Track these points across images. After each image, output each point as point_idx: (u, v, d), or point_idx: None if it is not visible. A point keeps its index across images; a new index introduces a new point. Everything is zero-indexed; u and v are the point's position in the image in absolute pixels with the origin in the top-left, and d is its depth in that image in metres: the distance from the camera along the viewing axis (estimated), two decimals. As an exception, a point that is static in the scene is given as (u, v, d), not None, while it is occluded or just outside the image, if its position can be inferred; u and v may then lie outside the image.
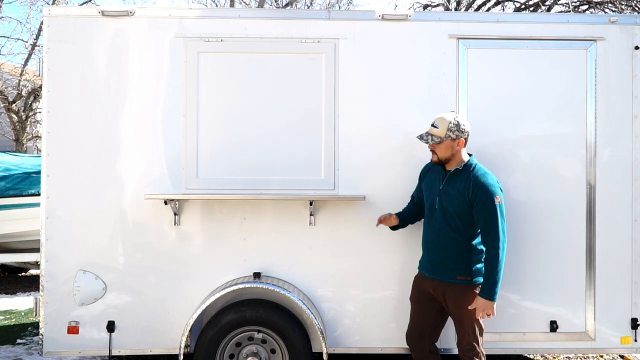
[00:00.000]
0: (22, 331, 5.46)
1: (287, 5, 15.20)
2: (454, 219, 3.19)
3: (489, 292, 3.10)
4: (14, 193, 6.34)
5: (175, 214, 3.64)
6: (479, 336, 3.20)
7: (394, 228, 3.58)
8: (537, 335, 3.74)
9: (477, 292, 3.16)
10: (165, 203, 3.61)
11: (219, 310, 3.57)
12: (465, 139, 3.26)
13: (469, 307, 3.15)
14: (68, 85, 3.64)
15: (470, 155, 3.32)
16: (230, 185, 3.65)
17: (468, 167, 3.23)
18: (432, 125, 3.27)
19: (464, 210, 3.17)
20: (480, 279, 3.16)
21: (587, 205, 3.74)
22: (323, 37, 3.69)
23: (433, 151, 3.30)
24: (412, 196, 3.61)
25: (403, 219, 3.56)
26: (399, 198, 3.69)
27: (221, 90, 3.68)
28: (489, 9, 12.02)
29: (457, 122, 3.22)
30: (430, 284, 3.30)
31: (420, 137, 3.29)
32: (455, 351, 3.72)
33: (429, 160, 3.42)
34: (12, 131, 13.55)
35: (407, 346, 3.59)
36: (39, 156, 7.38)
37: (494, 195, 3.12)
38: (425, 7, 12.23)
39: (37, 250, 3.69)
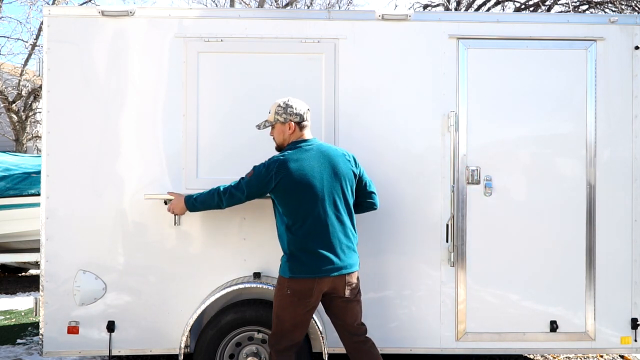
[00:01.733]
0: (22, 331, 5.46)
1: (287, 5, 15.21)
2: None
3: (186, 196, 3.26)
4: (14, 193, 6.34)
5: (175, 214, 3.63)
6: (275, 331, 3.11)
7: None
8: (537, 335, 3.74)
9: (278, 287, 3.09)
10: (165, 203, 3.61)
11: (219, 310, 3.57)
12: (297, 123, 3.12)
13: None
14: (68, 85, 3.64)
15: (304, 140, 3.14)
16: (230, 185, 3.65)
17: (286, 148, 3.15)
18: (268, 112, 3.25)
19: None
20: (282, 274, 3.05)
21: (587, 205, 3.74)
22: (323, 37, 3.69)
23: (274, 138, 3.25)
24: None
25: None
26: (398, 196, 3.70)
27: (221, 90, 3.68)
28: (489, 9, 12.03)
29: (286, 104, 3.13)
30: None
31: (258, 126, 3.28)
32: (458, 352, 3.73)
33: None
34: (12, 131, 13.56)
35: (406, 346, 3.61)
36: (39, 156, 7.38)
37: (256, 165, 3.11)
38: (425, 7, 12.23)
39: (37, 250, 3.69)
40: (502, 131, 3.74)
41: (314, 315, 3.46)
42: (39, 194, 4.16)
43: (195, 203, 3.24)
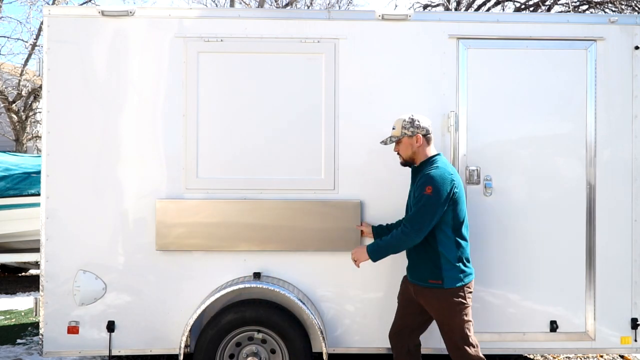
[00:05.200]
0: (22, 331, 5.46)
1: (287, 5, 15.19)
2: None
3: (372, 248, 3.20)
4: (14, 193, 6.34)
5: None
6: (470, 338, 3.16)
7: (377, 237, 3.55)
8: (537, 335, 3.74)
9: (455, 299, 3.12)
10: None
11: (219, 310, 3.57)
12: (424, 136, 3.24)
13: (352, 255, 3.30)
14: (68, 85, 3.64)
15: (438, 154, 3.28)
16: (230, 184, 3.66)
17: (426, 162, 3.23)
18: (392, 128, 3.32)
19: None
20: (456, 284, 3.11)
21: (587, 205, 3.74)
22: (323, 37, 3.69)
23: (398, 153, 3.34)
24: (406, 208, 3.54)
25: (387, 229, 3.52)
26: (398, 197, 3.68)
27: (221, 90, 3.68)
28: (489, 9, 12.03)
29: (412, 119, 3.25)
30: (412, 288, 3.29)
31: (383, 142, 3.35)
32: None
33: None
34: (12, 131, 13.56)
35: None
36: (39, 156, 7.38)
37: (427, 184, 3.07)
38: (425, 7, 12.24)
39: (37, 250, 3.69)
40: (502, 131, 3.74)
41: (314, 316, 3.47)
42: (39, 194, 4.15)
43: (380, 249, 3.20)
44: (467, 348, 3.14)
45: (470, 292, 3.21)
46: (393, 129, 3.30)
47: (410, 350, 3.38)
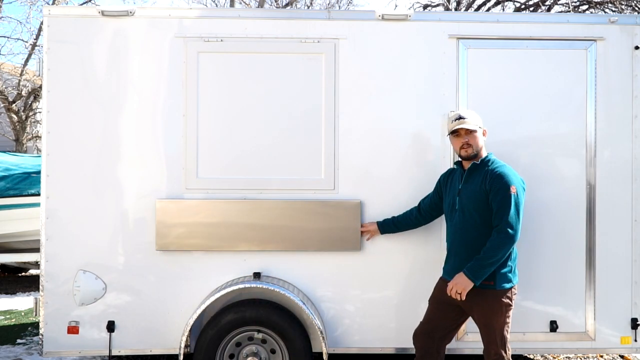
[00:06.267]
0: (22, 331, 5.46)
1: (287, 5, 15.20)
2: (473, 217, 3.14)
3: (471, 271, 3.02)
4: (14, 193, 6.35)
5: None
6: (507, 341, 3.12)
7: (385, 232, 3.62)
8: (537, 335, 3.73)
9: (504, 299, 3.09)
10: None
11: (219, 310, 3.57)
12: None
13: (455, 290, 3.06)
14: (68, 85, 3.64)
15: (490, 153, 3.30)
16: (230, 184, 3.66)
17: (485, 161, 3.22)
18: (460, 118, 3.20)
19: (483, 204, 3.11)
20: (506, 285, 3.09)
21: (587, 205, 3.74)
22: (323, 37, 3.69)
23: (466, 144, 3.19)
24: (419, 203, 3.58)
25: (394, 224, 3.59)
26: (399, 196, 3.70)
27: (221, 90, 3.68)
28: (489, 9, 12.04)
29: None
30: None
31: (460, 125, 3.17)
32: (458, 352, 3.73)
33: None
34: (12, 131, 13.56)
35: (405, 346, 3.60)
36: (39, 156, 7.38)
37: (509, 184, 3.06)
38: (425, 7, 12.25)
39: (37, 250, 3.69)
40: (502, 131, 3.73)
41: (314, 316, 3.47)
42: (39, 194, 4.15)
43: (482, 268, 3.02)
44: (504, 353, 3.10)
45: (515, 294, 3.17)
46: (464, 118, 3.19)
47: (440, 351, 3.34)
